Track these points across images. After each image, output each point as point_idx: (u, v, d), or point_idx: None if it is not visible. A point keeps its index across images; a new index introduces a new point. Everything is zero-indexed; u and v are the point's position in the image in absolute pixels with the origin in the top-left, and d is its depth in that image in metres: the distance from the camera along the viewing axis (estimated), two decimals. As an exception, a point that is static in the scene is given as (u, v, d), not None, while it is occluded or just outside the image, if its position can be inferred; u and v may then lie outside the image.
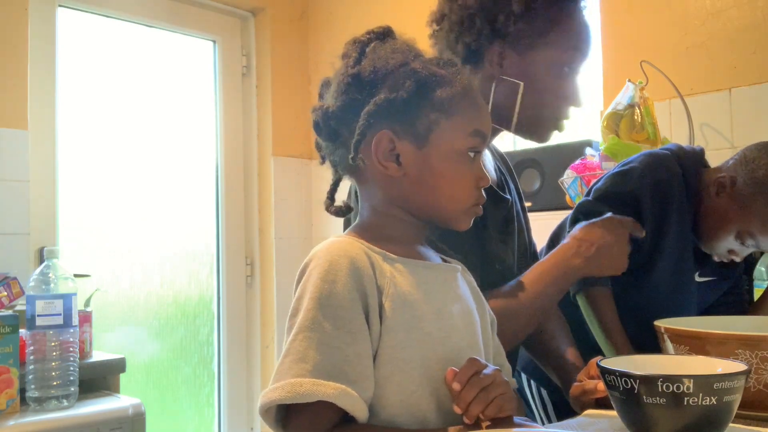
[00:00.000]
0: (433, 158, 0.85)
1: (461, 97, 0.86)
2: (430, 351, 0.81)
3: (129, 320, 2.64)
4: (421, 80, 0.84)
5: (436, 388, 0.80)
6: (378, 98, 0.83)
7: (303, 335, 0.76)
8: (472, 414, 0.75)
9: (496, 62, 1.16)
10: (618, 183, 1.29)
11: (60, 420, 1.57)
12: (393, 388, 0.78)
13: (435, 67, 0.86)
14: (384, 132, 0.84)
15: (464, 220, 0.89)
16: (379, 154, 0.84)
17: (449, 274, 0.90)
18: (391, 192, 0.87)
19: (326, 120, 0.86)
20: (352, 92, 0.84)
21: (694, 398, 0.70)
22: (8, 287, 1.79)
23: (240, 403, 2.93)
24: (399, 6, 2.71)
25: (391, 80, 0.84)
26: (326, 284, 0.77)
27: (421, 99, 0.84)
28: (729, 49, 1.89)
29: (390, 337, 0.79)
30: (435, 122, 0.84)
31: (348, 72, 0.85)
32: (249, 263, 2.99)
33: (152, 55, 2.80)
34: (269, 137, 2.96)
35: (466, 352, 0.84)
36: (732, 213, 1.25)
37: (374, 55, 0.86)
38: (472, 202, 0.88)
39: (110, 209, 2.62)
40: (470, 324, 0.88)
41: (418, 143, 0.85)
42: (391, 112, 0.83)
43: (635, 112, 1.78)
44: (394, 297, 0.80)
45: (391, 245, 0.85)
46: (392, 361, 0.78)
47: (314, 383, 0.73)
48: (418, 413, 0.79)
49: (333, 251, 0.81)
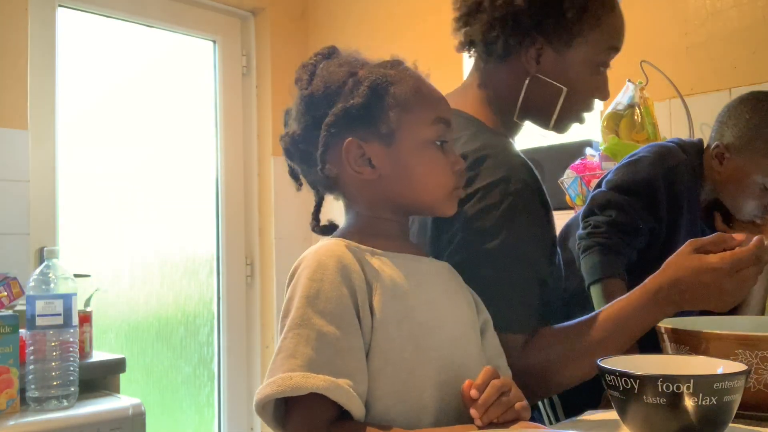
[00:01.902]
0: (404, 153, 0.87)
1: (414, 91, 0.88)
2: (422, 340, 0.81)
3: (129, 320, 2.64)
4: (372, 84, 0.86)
5: (430, 376, 0.81)
6: (335, 109, 0.85)
7: (293, 333, 0.77)
8: (491, 417, 0.76)
9: (533, 58, 1.13)
10: (631, 172, 1.31)
11: (60, 420, 1.57)
12: (385, 379, 0.79)
13: (383, 69, 0.89)
14: (350, 140, 0.86)
15: (449, 206, 0.91)
16: (351, 161, 0.87)
17: (438, 268, 0.92)
18: (372, 195, 0.89)
19: (294, 144, 0.90)
20: (311, 112, 0.88)
21: (694, 398, 0.70)
22: (8, 287, 1.79)
23: (240, 403, 2.93)
24: (398, 6, 2.71)
25: (344, 91, 0.87)
26: (314, 283, 0.79)
27: (376, 101, 0.86)
28: (729, 49, 1.89)
29: (382, 330, 0.79)
30: (396, 119, 0.86)
31: (302, 95, 0.89)
32: (249, 263, 2.98)
33: (152, 55, 2.80)
34: (269, 137, 2.96)
35: (460, 342, 0.85)
36: (743, 169, 1.31)
37: (323, 73, 0.89)
38: (451, 186, 0.90)
39: (110, 209, 2.62)
40: (462, 315, 0.89)
41: (385, 143, 0.87)
42: (351, 119, 0.85)
43: (635, 112, 1.78)
44: (384, 290, 0.81)
45: (378, 241, 0.87)
46: (385, 353, 0.79)
47: (304, 376, 0.74)
48: (412, 403, 0.79)
49: (321, 252, 0.82)
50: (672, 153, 1.34)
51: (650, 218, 1.29)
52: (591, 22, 1.11)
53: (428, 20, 2.59)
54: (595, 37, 1.13)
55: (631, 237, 1.27)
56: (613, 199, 1.27)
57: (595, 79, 1.17)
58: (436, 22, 2.59)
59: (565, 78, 1.13)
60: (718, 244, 0.96)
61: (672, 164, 1.31)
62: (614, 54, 1.18)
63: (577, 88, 1.15)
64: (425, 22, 2.60)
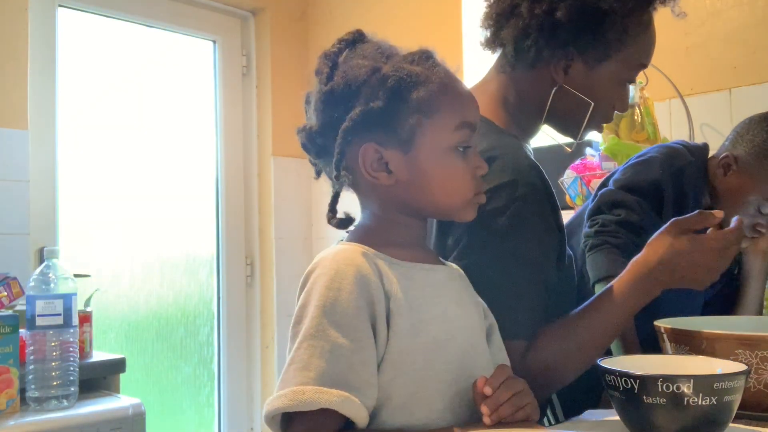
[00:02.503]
0: (422, 160, 0.84)
1: (440, 93, 0.84)
2: (434, 354, 0.80)
3: (129, 320, 2.64)
4: (395, 85, 0.81)
5: (440, 389, 0.80)
6: (353, 113, 0.81)
7: (307, 343, 0.75)
8: (501, 415, 0.75)
9: (562, 68, 1.12)
10: (640, 172, 1.31)
11: (60, 420, 1.57)
12: (395, 390, 0.78)
13: (409, 66, 0.84)
14: (368, 144, 0.83)
15: (467, 213, 0.89)
16: (367, 166, 0.84)
17: (451, 276, 0.90)
18: (388, 199, 0.87)
19: (312, 139, 0.86)
20: (329, 110, 0.84)
21: (694, 398, 0.70)
22: (8, 287, 1.79)
23: (240, 403, 2.93)
24: (398, 6, 2.71)
25: (365, 90, 0.82)
26: (331, 292, 0.77)
27: (398, 105, 0.82)
28: (729, 49, 1.89)
29: (397, 342, 0.78)
30: (417, 125, 0.83)
31: (322, 90, 0.85)
32: (249, 263, 2.98)
33: (152, 55, 2.80)
34: (269, 137, 2.96)
35: (470, 354, 0.84)
36: (745, 186, 1.32)
37: (345, 67, 0.85)
38: (470, 193, 0.87)
39: (110, 209, 2.62)
40: (472, 326, 0.88)
41: (403, 149, 0.83)
42: (369, 124, 0.82)
43: (635, 112, 1.78)
44: (401, 302, 0.80)
45: (394, 249, 0.85)
46: (397, 365, 0.78)
47: (316, 391, 0.72)
48: (421, 415, 0.79)
49: (339, 259, 0.80)
50: (680, 154, 1.34)
51: (657, 218, 1.29)
52: (629, 42, 1.11)
53: (428, 20, 2.59)
54: (627, 55, 1.13)
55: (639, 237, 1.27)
56: (622, 198, 1.27)
57: (619, 92, 1.17)
58: (437, 22, 2.59)
59: (590, 91, 1.13)
60: (700, 222, 0.98)
61: (680, 165, 1.32)
62: (642, 70, 1.19)
63: (601, 101, 1.15)
64: (425, 22, 2.60)
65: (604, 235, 1.26)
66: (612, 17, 1.07)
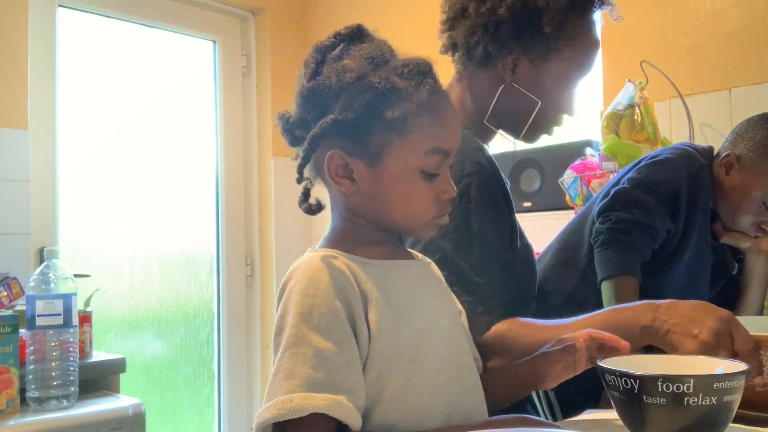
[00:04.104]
0: (385, 177, 0.82)
1: (417, 114, 0.81)
2: (420, 345, 0.81)
3: (129, 320, 2.64)
4: (374, 98, 0.79)
5: (428, 380, 0.81)
6: (324, 121, 0.80)
7: (290, 352, 0.76)
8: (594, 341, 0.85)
9: (509, 68, 1.18)
10: (656, 172, 1.32)
11: (60, 420, 1.57)
12: (386, 385, 0.78)
13: (395, 78, 0.81)
14: (335, 151, 0.82)
15: (426, 233, 0.87)
16: (332, 171, 0.83)
17: (425, 269, 0.91)
18: (351, 204, 0.87)
19: (288, 128, 0.86)
20: (307, 107, 0.83)
21: (694, 398, 0.69)
22: (8, 287, 1.79)
23: (240, 403, 2.93)
24: (398, 6, 2.71)
25: (343, 97, 0.81)
26: (307, 299, 0.77)
27: (371, 119, 0.80)
28: (729, 49, 1.89)
29: (380, 340, 0.79)
30: (388, 141, 0.81)
31: (304, 85, 0.84)
32: (249, 263, 2.98)
33: (152, 55, 2.80)
34: (269, 137, 2.96)
35: (453, 340, 0.86)
36: (747, 183, 1.33)
37: (331, 67, 0.83)
38: (431, 216, 0.85)
39: (110, 209, 2.62)
40: (452, 314, 0.90)
41: (369, 162, 0.82)
42: (340, 132, 0.81)
43: (635, 112, 1.78)
44: (379, 300, 0.80)
45: (366, 249, 0.85)
46: (383, 361, 0.78)
47: (304, 397, 0.72)
48: (412, 408, 0.79)
49: (311, 266, 0.80)
50: (694, 157, 1.35)
51: (670, 220, 1.29)
52: (566, 40, 1.16)
53: (428, 21, 2.59)
54: (569, 55, 1.17)
55: (651, 237, 1.27)
56: (638, 198, 1.28)
57: (567, 94, 1.21)
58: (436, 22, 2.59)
59: (538, 91, 1.18)
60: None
61: (695, 168, 1.33)
62: (587, 72, 1.22)
63: (549, 102, 1.19)
64: (425, 22, 2.60)
65: (616, 232, 1.26)
66: (549, 14, 1.13)
